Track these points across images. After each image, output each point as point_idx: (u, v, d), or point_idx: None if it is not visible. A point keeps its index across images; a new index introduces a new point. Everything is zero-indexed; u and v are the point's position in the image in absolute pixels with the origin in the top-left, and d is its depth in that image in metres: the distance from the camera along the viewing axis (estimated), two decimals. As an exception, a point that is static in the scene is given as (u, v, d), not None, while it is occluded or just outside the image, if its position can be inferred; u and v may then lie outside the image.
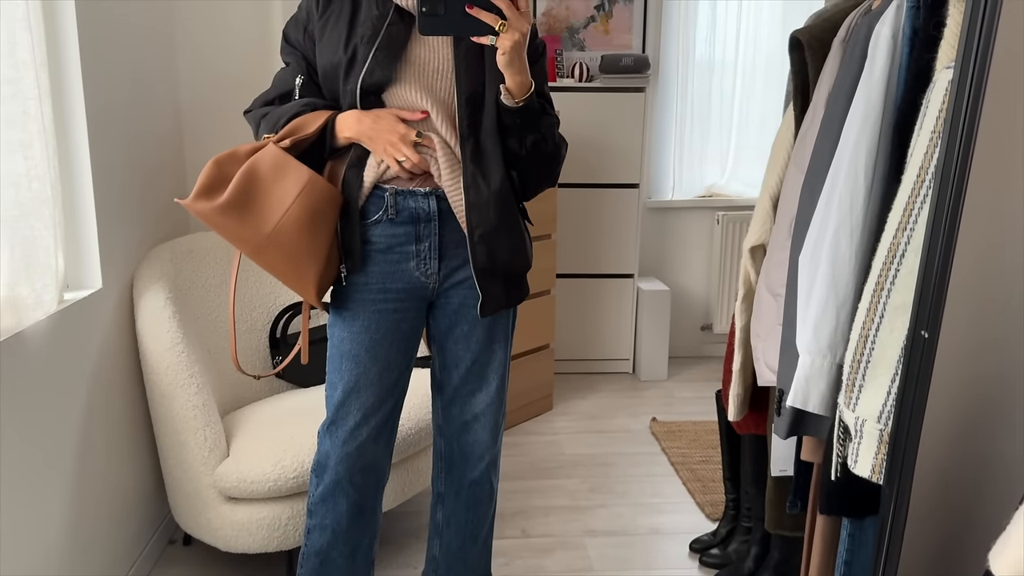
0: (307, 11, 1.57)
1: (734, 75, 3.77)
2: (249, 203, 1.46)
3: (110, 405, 1.97)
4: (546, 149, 1.55)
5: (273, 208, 1.47)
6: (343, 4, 1.53)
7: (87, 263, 1.90)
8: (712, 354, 4.00)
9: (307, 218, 1.48)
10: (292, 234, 1.48)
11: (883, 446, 1.06)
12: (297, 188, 1.47)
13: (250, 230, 1.47)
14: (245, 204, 1.46)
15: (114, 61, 2.01)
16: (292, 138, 1.49)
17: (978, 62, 0.84)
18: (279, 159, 1.48)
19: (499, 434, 1.78)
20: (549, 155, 1.57)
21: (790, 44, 1.51)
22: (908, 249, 1.04)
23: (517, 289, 1.66)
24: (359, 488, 1.67)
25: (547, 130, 1.54)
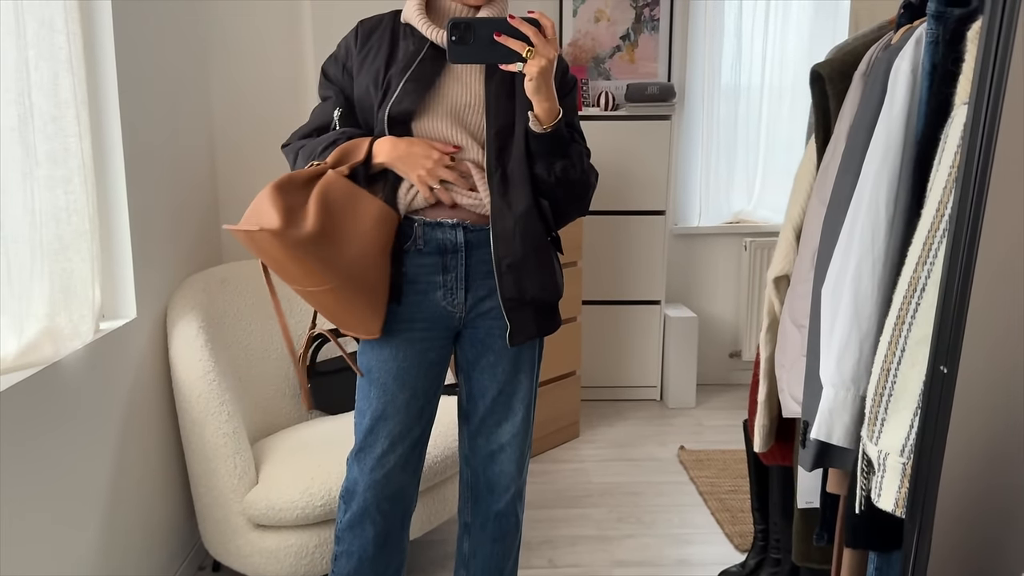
0: (346, 48, 1.62)
1: (760, 100, 3.78)
2: (333, 232, 1.44)
3: (143, 432, 2.01)
4: (574, 176, 1.56)
5: (354, 238, 1.47)
6: (382, 41, 1.58)
7: (122, 293, 1.95)
8: (740, 381, 3.97)
9: (380, 248, 1.51)
10: (369, 263, 1.49)
11: (906, 480, 1.06)
12: (372, 219, 1.49)
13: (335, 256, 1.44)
14: (330, 233, 1.44)
15: (151, 99, 2.07)
16: (348, 164, 1.49)
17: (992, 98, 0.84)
18: (349, 188, 1.48)
19: (524, 465, 1.78)
20: (577, 182, 1.57)
21: (811, 77, 1.52)
22: (928, 283, 1.04)
23: (548, 319, 1.66)
24: (386, 515, 1.68)
25: (576, 157, 1.56)
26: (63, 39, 1.64)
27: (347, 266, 1.46)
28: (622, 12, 3.66)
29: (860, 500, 1.19)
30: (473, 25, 1.41)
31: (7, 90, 1.49)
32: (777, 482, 1.99)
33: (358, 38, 1.61)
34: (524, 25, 1.40)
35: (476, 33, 1.41)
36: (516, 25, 1.40)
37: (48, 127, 1.62)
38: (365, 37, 1.60)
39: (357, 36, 1.61)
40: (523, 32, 1.40)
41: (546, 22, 1.42)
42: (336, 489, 1.97)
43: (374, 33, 1.60)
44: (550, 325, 1.67)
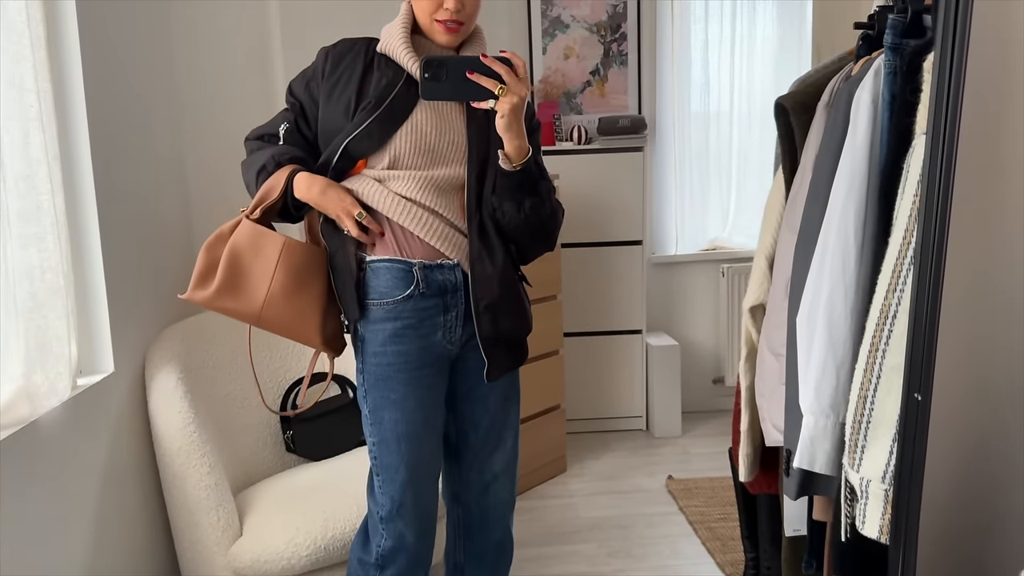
0: (315, 68, 1.63)
1: (730, 128, 3.84)
2: (238, 282, 1.55)
3: (124, 488, 1.98)
4: (544, 213, 1.58)
5: (260, 281, 1.55)
6: (353, 68, 1.58)
7: (99, 348, 1.93)
8: (725, 407, 3.95)
9: (292, 282, 1.56)
10: (282, 302, 1.56)
11: (889, 506, 1.06)
12: (275, 256, 1.55)
13: (245, 307, 1.56)
14: (235, 285, 1.55)
15: (123, 152, 2.07)
16: (261, 207, 1.56)
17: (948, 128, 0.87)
18: (253, 233, 1.56)
19: (515, 494, 1.82)
20: (547, 219, 1.60)
21: (776, 110, 1.55)
22: (900, 310, 1.05)
23: (520, 351, 1.71)
24: (429, 555, 1.71)
25: (545, 193, 1.58)
26: (33, 97, 1.64)
27: (257, 310, 1.56)
28: (590, 48, 3.72)
29: (845, 528, 1.19)
30: (446, 63, 1.43)
31: (-23, 151, 1.49)
32: (765, 509, 1.99)
33: (328, 62, 1.61)
34: (496, 63, 1.42)
35: (449, 71, 1.43)
36: (488, 63, 1.43)
37: (20, 185, 1.62)
38: (335, 63, 1.60)
39: (327, 60, 1.61)
40: (495, 70, 1.42)
41: (518, 61, 1.44)
42: (322, 539, 1.95)
43: (344, 59, 1.60)
44: (522, 356, 1.72)
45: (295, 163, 1.58)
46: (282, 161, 1.57)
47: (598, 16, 3.70)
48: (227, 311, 1.57)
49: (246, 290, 1.56)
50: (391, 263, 1.57)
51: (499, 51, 1.46)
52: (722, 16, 3.76)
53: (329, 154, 1.57)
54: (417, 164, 1.56)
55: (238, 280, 1.55)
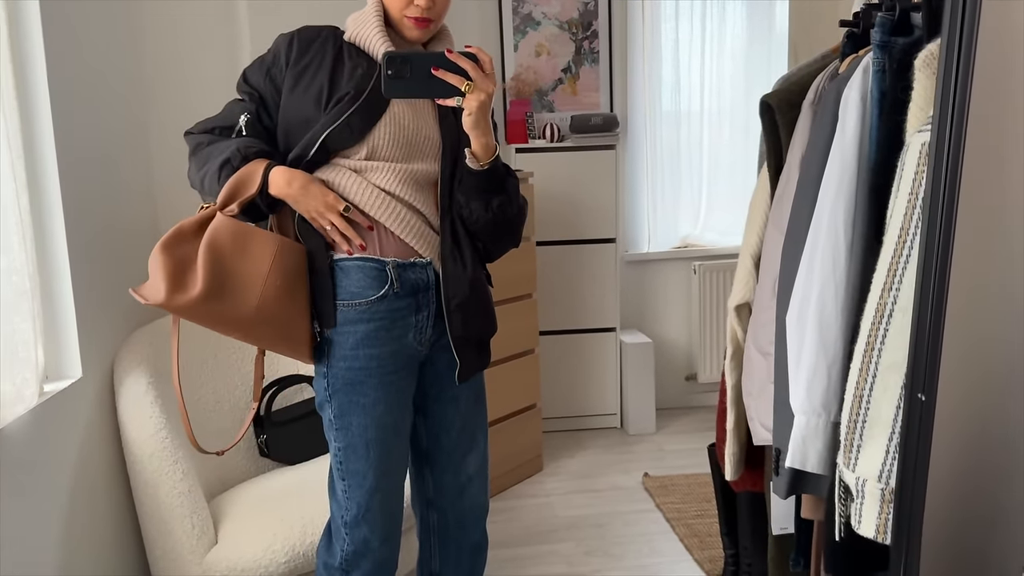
0: (275, 55, 1.54)
1: (700, 126, 3.85)
2: (226, 284, 1.41)
3: (93, 497, 1.92)
4: (512, 211, 1.56)
5: (252, 282, 1.43)
6: (323, 57, 1.51)
7: (67, 353, 1.87)
8: (699, 404, 3.99)
9: (286, 284, 1.45)
10: (277, 304, 1.45)
11: (886, 505, 1.06)
12: (269, 256, 1.44)
13: (236, 312, 1.43)
14: (223, 286, 1.41)
15: (89, 152, 2.01)
16: (238, 202, 1.44)
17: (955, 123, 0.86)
18: (236, 229, 1.44)
19: (489, 492, 1.80)
20: (514, 216, 1.58)
21: (761, 108, 1.55)
22: (895, 309, 1.05)
23: (487, 351, 1.68)
24: (394, 560, 1.66)
25: (512, 191, 1.56)
26: (-4, 93, 1.58)
27: (250, 315, 1.43)
28: (562, 45, 3.71)
29: (840, 527, 1.19)
30: (410, 59, 1.39)
31: (-62, 149, 1.42)
32: (745, 506, 1.99)
33: (293, 49, 1.52)
34: (462, 59, 1.38)
35: (413, 67, 1.38)
36: (454, 59, 1.38)
37: (-18, 185, 1.55)
38: (302, 50, 1.52)
39: (292, 47, 1.52)
40: (461, 66, 1.38)
41: (484, 56, 1.40)
42: (300, 545, 1.91)
43: (312, 46, 1.52)
44: (488, 357, 1.69)
45: (263, 156, 1.48)
46: (249, 155, 1.47)
47: (569, 13, 3.69)
48: (213, 317, 1.42)
49: (236, 293, 1.42)
50: (363, 262, 1.51)
51: (465, 46, 1.41)
52: (692, 14, 3.77)
53: (304, 147, 1.48)
54: (395, 156, 1.51)
55: (226, 281, 1.41)
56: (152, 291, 1.40)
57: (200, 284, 1.38)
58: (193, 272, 1.40)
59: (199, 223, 1.44)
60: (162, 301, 1.39)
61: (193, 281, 1.39)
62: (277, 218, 1.56)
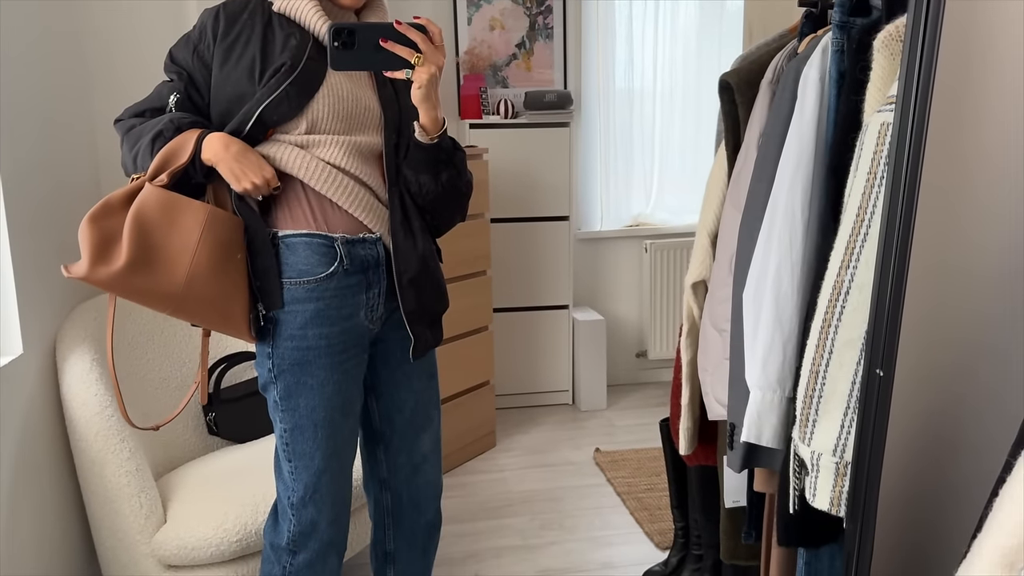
0: (200, 31, 1.47)
1: (653, 105, 3.87)
2: (152, 256, 1.35)
3: (37, 476, 1.86)
4: (460, 184, 1.55)
5: (179, 254, 1.37)
6: (252, 29, 1.45)
7: (6, 329, 1.80)
8: (649, 380, 4.05)
9: (218, 255, 1.40)
10: (208, 278, 1.39)
11: (840, 479, 1.09)
12: (198, 226, 1.38)
13: (163, 285, 1.37)
14: (148, 259, 1.35)
15: (28, 121, 1.92)
16: (168, 172, 1.38)
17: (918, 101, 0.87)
18: (165, 200, 1.37)
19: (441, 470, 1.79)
20: (462, 189, 1.57)
21: (720, 87, 1.55)
22: (852, 286, 1.07)
23: (439, 327, 1.67)
24: (343, 540, 1.63)
25: (460, 164, 1.55)
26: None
27: (178, 290, 1.38)
28: (516, 20, 3.68)
29: (794, 500, 1.22)
30: (357, 31, 1.34)
31: None
32: (696, 480, 2.03)
33: (220, 23, 1.45)
34: (411, 31, 1.35)
35: (360, 39, 1.34)
36: (403, 31, 1.35)
37: (-86, 152, 1.48)
38: (229, 23, 1.45)
39: (219, 21, 1.46)
40: (410, 38, 1.35)
41: (434, 28, 1.37)
42: (251, 524, 1.88)
43: (239, 19, 1.46)
44: (440, 334, 1.67)
45: (197, 127, 1.42)
46: (182, 125, 1.41)
47: (524, -12, 3.65)
48: (139, 291, 1.35)
49: (163, 265, 1.35)
50: (310, 238, 1.47)
51: (414, 17, 1.38)
52: (646, -8, 3.77)
53: (240, 121, 1.42)
54: (336, 129, 1.46)
55: (153, 253, 1.35)
56: (78, 264, 1.34)
57: (124, 256, 1.33)
58: (118, 245, 1.34)
59: (128, 195, 1.38)
60: (84, 274, 1.33)
61: (117, 254, 1.33)
62: (214, 191, 1.50)
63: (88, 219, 1.34)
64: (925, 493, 0.91)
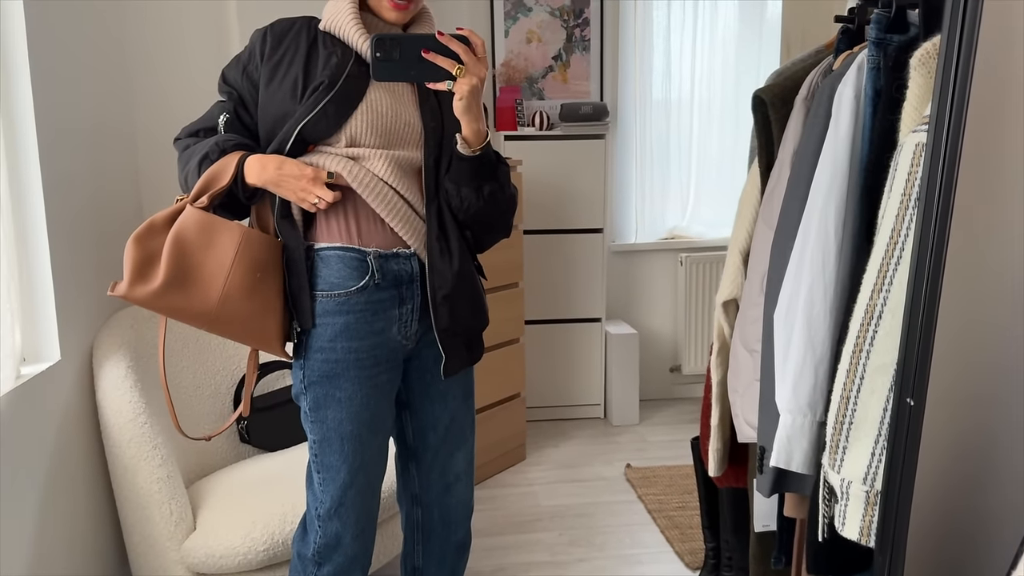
0: (250, 52, 1.51)
1: (690, 117, 3.84)
2: (188, 276, 1.40)
3: (71, 482, 1.89)
4: (502, 198, 1.52)
5: (214, 275, 1.40)
6: (297, 48, 1.48)
7: (45, 335, 1.84)
8: (682, 396, 4.00)
9: (251, 275, 1.42)
10: (242, 297, 1.42)
11: (870, 508, 1.06)
12: (233, 247, 1.41)
13: (198, 304, 1.40)
14: (184, 279, 1.39)
15: (72, 133, 1.97)
16: (208, 194, 1.42)
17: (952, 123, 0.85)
18: (203, 221, 1.41)
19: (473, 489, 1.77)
20: (505, 203, 1.54)
21: (753, 103, 1.53)
22: (885, 310, 1.04)
23: (478, 345, 1.65)
24: (369, 557, 1.63)
25: (504, 179, 1.52)
26: (-27, 69, 1.54)
27: (212, 309, 1.41)
28: (553, 33, 3.68)
29: (823, 527, 1.19)
30: (400, 41, 1.35)
31: (-88, 126, 1.39)
32: (728, 502, 1.99)
33: (267, 43, 1.49)
34: (453, 42, 1.35)
35: (403, 50, 1.34)
36: (445, 42, 1.34)
37: (-42, 163, 1.52)
38: (276, 42, 1.49)
39: (266, 41, 1.49)
40: (452, 49, 1.35)
41: (476, 40, 1.37)
42: (279, 533, 1.89)
43: (285, 38, 1.49)
44: (478, 353, 1.66)
45: (242, 149, 1.46)
46: (227, 148, 1.45)
47: (561, 0, 3.65)
48: (175, 310, 1.40)
49: (198, 285, 1.39)
50: (343, 251, 1.48)
51: (456, 28, 1.37)
52: (684, 2, 3.75)
53: (281, 140, 1.45)
54: (375, 144, 1.47)
55: (189, 273, 1.39)
56: (120, 284, 1.40)
57: (160, 276, 1.37)
58: (157, 264, 1.39)
59: (170, 216, 1.42)
60: (124, 293, 1.38)
61: (155, 273, 1.38)
62: (257, 212, 1.53)
63: (133, 239, 1.40)
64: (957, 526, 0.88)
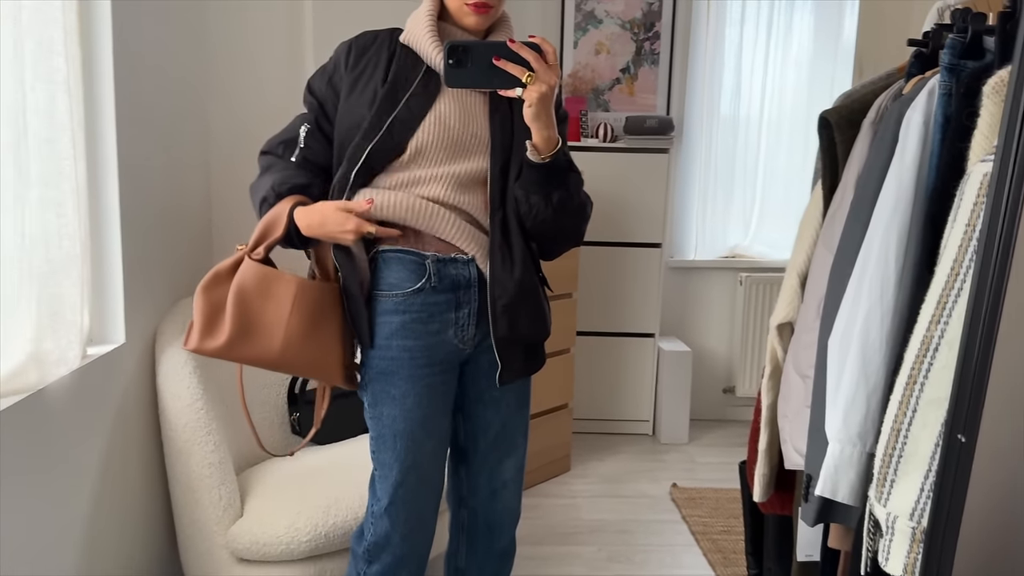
0: (335, 63, 1.56)
1: (758, 136, 3.78)
2: (251, 328, 1.48)
3: (127, 461, 1.96)
4: (571, 206, 1.51)
5: (275, 326, 1.48)
6: (378, 62, 1.52)
7: (111, 318, 1.91)
8: (734, 418, 3.93)
9: (309, 322, 1.50)
10: (302, 343, 1.50)
11: (916, 544, 1.03)
12: (289, 300, 1.48)
13: (262, 352, 1.50)
14: (248, 330, 1.48)
15: (148, 122, 2.04)
16: (264, 245, 1.50)
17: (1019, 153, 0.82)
18: (259, 274, 1.49)
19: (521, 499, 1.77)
20: (574, 212, 1.53)
21: (819, 124, 1.50)
22: (942, 343, 1.02)
23: (535, 358, 1.65)
24: (420, 559, 1.66)
25: (574, 187, 1.51)
26: (61, 61, 1.61)
27: (276, 355, 1.49)
28: (622, 45, 3.67)
29: (866, 561, 1.16)
30: (471, 48, 1.37)
31: (2, 111, 1.46)
32: (773, 528, 1.95)
33: (351, 55, 1.54)
34: (524, 50, 1.35)
35: (474, 57, 1.36)
36: (516, 49, 1.35)
37: (42, 149, 1.59)
38: (359, 55, 1.53)
39: (350, 53, 1.54)
40: (523, 57, 1.35)
41: (548, 47, 1.37)
42: (322, 525, 1.92)
43: (368, 51, 1.53)
44: (538, 362, 1.66)
45: (296, 192, 1.52)
46: (282, 192, 1.52)
47: (632, 13, 3.65)
48: (244, 359, 1.51)
49: (261, 335, 1.49)
50: (403, 254, 1.52)
51: (528, 36, 1.38)
52: (758, 20, 3.71)
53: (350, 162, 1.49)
54: (440, 159, 1.50)
55: (252, 326, 1.48)
56: (191, 338, 1.50)
57: (227, 331, 1.47)
58: (223, 318, 1.48)
59: (232, 265, 1.51)
60: (195, 347, 1.49)
61: (221, 328, 1.47)
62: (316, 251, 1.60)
63: (200, 289, 1.50)
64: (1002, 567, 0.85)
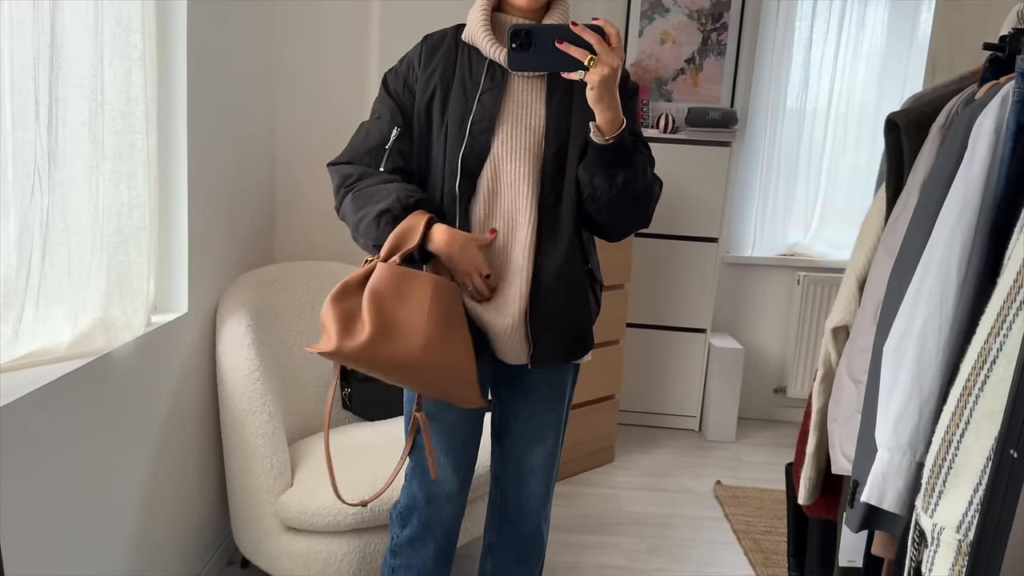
0: (408, 64, 1.57)
1: (824, 133, 3.71)
2: (391, 327, 1.44)
3: (185, 426, 2.03)
4: (637, 187, 1.48)
5: (415, 324, 1.44)
6: (447, 61, 1.53)
7: (176, 288, 1.98)
8: (784, 418, 3.88)
9: (444, 321, 1.46)
10: (440, 341, 1.46)
11: (961, 557, 1.01)
12: (426, 295, 1.45)
13: (403, 352, 1.44)
14: (388, 330, 1.43)
15: (217, 99, 2.10)
16: (400, 254, 1.46)
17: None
18: (396, 274, 1.45)
19: (552, 489, 1.78)
20: (641, 193, 1.50)
21: (886, 126, 1.47)
22: (1000, 356, 0.99)
23: (576, 344, 1.62)
24: (447, 532, 1.69)
25: (639, 167, 1.49)
26: (138, 37, 1.67)
27: (416, 355, 1.44)
28: (689, 35, 3.63)
29: (909, 571, 1.14)
30: (534, 32, 1.37)
31: (80, 86, 1.52)
32: (817, 532, 1.93)
33: (422, 56, 1.55)
34: (587, 32, 1.35)
35: (537, 40, 1.37)
36: (579, 32, 1.35)
37: (117, 123, 1.65)
38: (429, 55, 1.55)
39: (421, 54, 1.56)
40: (586, 39, 1.35)
41: (611, 29, 1.36)
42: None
43: (437, 51, 1.55)
44: (576, 350, 1.63)
45: (422, 206, 1.49)
46: (410, 204, 1.48)
47: (700, 3, 3.60)
48: (380, 360, 1.44)
49: (401, 334, 1.44)
50: None
51: (592, 19, 1.38)
52: (830, 15, 3.62)
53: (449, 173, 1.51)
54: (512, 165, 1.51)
55: (391, 324, 1.44)
56: (325, 341, 1.44)
57: (367, 329, 1.41)
58: (360, 320, 1.44)
59: (363, 277, 1.47)
60: (334, 348, 1.41)
61: (360, 327, 1.43)
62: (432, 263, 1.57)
63: (330, 300, 1.45)
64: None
